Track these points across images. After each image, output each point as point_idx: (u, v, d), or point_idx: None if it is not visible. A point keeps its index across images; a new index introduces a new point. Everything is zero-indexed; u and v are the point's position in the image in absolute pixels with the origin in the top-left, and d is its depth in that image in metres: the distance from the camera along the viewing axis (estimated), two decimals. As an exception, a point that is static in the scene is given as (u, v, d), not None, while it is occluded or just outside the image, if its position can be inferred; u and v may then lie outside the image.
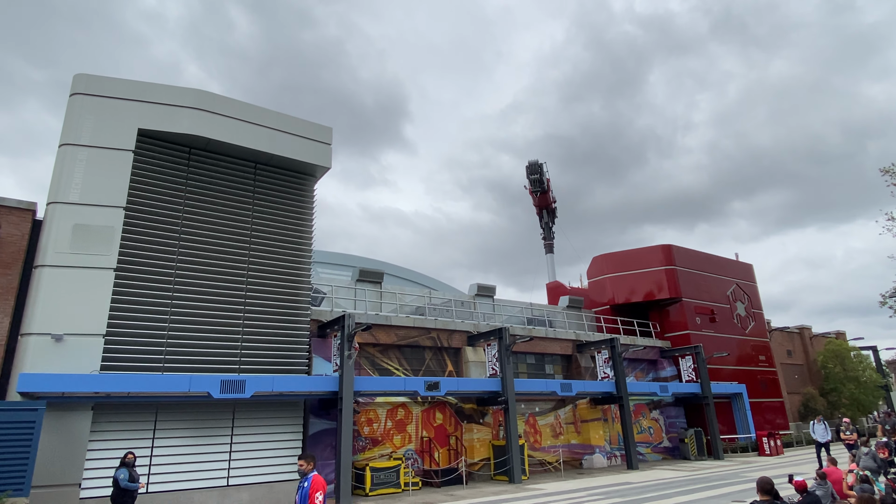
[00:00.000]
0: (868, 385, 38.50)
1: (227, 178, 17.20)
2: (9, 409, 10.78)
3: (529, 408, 23.07)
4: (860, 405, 37.72)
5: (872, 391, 38.58)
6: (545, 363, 25.38)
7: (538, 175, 48.69)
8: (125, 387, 13.08)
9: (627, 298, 31.19)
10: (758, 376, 31.94)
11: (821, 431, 18.94)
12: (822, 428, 19.03)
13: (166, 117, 16.02)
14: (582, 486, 17.11)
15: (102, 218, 14.55)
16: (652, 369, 28.77)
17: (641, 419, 26.67)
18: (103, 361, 13.60)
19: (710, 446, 26.44)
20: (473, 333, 22.09)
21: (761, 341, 33.83)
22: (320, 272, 24.23)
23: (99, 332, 13.70)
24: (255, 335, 16.24)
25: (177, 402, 14.74)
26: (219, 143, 16.69)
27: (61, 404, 13.04)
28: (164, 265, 15.33)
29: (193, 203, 16.35)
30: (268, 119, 17.75)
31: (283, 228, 17.82)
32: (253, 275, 16.75)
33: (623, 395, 23.36)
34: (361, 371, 19.02)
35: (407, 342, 20.53)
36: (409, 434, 19.43)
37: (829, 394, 38.19)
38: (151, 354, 14.46)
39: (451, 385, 18.74)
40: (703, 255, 33.31)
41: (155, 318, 14.77)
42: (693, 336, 29.54)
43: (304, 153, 18.24)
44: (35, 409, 10.89)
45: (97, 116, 15.28)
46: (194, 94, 16.59)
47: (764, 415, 30.58)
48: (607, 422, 25.08)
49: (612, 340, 24.42)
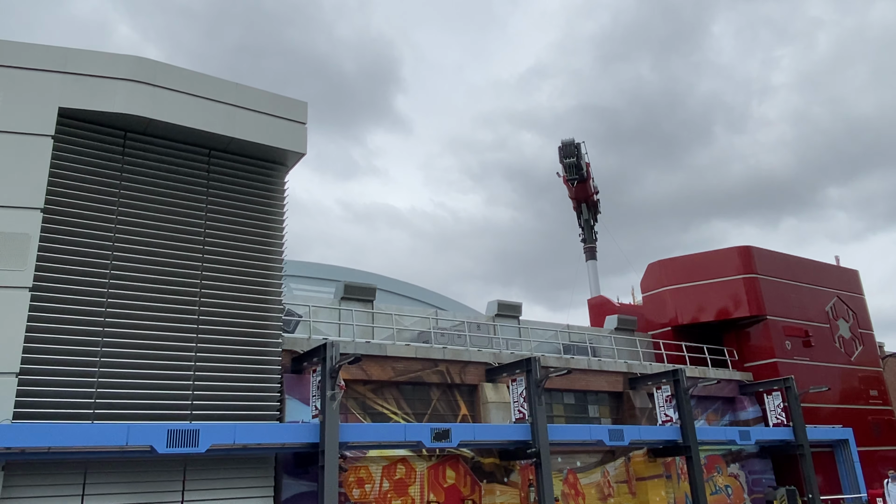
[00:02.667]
0: None
1: (174, 169, 17.29)
2: None
3: (569, 462, 22.91)
4: None
5: None
6: (588, 403, 25.20)
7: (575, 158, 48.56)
8: (45, 440, 13.10)
9: (695, 318, 30.94)
10: (869, 417, 31.51)
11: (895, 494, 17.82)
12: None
13: (95, 93, 16.13)
14: (639, 565, 16.92)
15: (14, 223, 14.62)
16: (729, 410, 28.47)
17: (716, 475, 26.40)
18: (16, 408, 13.61)
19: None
20: (493, 366, 21.98)
21: (873, 371, 33.39)
22: (294, 288, 24.27)
23: (11, 371, 13.73)
24: (211, 372, 16.23)
25: (112, 459, 14.77)
26: (162, 124, 16.77)
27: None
28: (95, 283, 15.38)
29: (131, 201, 16.42)
30: (225, 93, 17.83)
31: (247, 232, 17.86)
32: (207, 293, 16.77)
33: (691, 444, 23.13)
34: (349, 416, 18.97)
35: (407, 378, 20.47)
36: (413, 498, 19.34)
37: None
38: (79, 398, 14.47)
39: (466, 433, 18.66)
40: (794, 260, 33.01)
41: (83, 350, 14.80)
42: (782, 366, 29.21)
43: (272, 136, 18.29)
44: (-71, 471, 10.92)
45: (6, 92, 15.39)
46: (131, 63, 16.70)
47: (877, 467, 30.10)
48: (671, 479, 24.85)
49: (675, 373, 24.23)
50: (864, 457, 29.07)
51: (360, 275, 29.45)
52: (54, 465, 14.35)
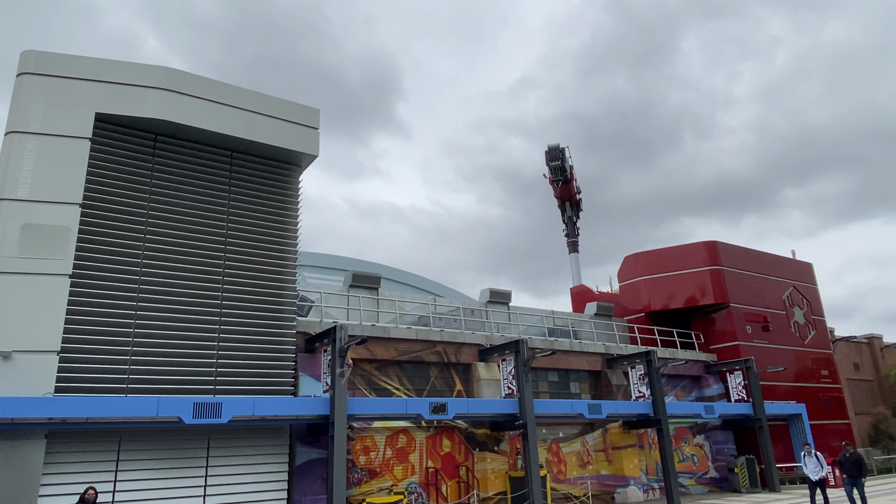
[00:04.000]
0: (951, 404, 38.15)
1: (200, 170, 17.25)
2: (-50, 437, 10.83)
3: (552, 433, 22.98)
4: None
5: (956, 411, 38.22)
6: (570, 381, 25.27)
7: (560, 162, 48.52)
8: (83, 411, 13.13)
9: (665, 305, 31.01)
10: (820, 394, 31.65)
11: (812, 466, 16.37)
12: (813, 462, 16.44)
13: (128, 99, 16.08)
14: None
15: (56, 216, 14.61)
16: (695, 387, 28.57)
17: (683, 445, 26.51)
18: (58, 382, 13.64)
19: (763, 476, 26.22)
20: (486, 347, 22.03)
21: (823, 353, 33.51)
22: (307, 277, 24.28)
23: (53, 349, 13.75)
24: (232, 351, 16.27)
25: (143, 429, 14.79)
26: (188, 128, 16.73)
27: (10, 432, 13.11)
28: (128, 270, 15.38)
29: (160, 198, 16.40)
30: (245, 100, 17.79)
31: (265, 227, 17.85)
32: (230, 281, 16.79)
33: (662, 417, 23.22)
34: (356, 391, 19.01)
35: (408, 357, 20.50)
36: (413, 464, 19.39)
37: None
38: (113, 374, 14.50)
39: (461, 407, 18.70)
40: (755, 253, 33.07)
41: (117, 331, 14.82)
42: (743, 348, 29.32)
43: (288, 139, 18.26)
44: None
45: (49, 99, 15.35)
46: (160, 73, 16.64)
47: (827, 439, 30.27)
48: (643, 449, 24.95)
49: (648, 354, 24.30)
50: (816, 429, 29.23)
51: (366, 265, 29.49)
52: (92, 433, 14.38)
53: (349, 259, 29.70)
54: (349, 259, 29.70)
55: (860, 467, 15.79)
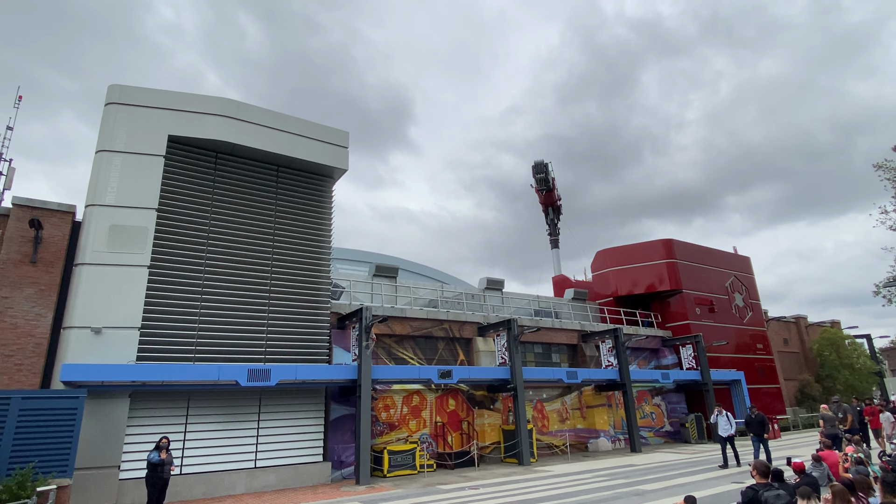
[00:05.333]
0: (862, 371, 37.98)
1: (252, 181, 17.31)
2: (53, 396, 10.97)
3: (537, 394, 23.02)
4: (855, 391, 37.18)
5: (866, 377, 38.06)
6: (552, 352, 25.29)
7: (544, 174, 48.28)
8: (159, 376, 13.26)
9: (630, 290, 30.95)
10: (755, 364, 31.57)
11: (723, 424, 15.93)
12: (724, 420, 16.03)
13: (194, 124, 16.16)
14: (587, 468, 17.05)
15: (136, 219, 14.72)
16: (654, 358, 28.56)
17: (644, 405, 26.50)
18: (139, 352, 13.79)
19: (709, 431, 26.16)
20: (483, 325, 22.06)
21: (759, 330, 33.41)
22: (339, 268, 24.34)
23: (134, 325, 13.88)
24: (279, 327, 16.37)
25: (207, 390, 14.92)
26: (243, 147, 16.80)
27: (101, 392, 13.26)
28: (194, 262, 15.49)
29: (220, 204, 16.48)
30: (288, 124, 17.82)
31: (304, 227, 17.92)
32: (277, 270, 16.87)
33: (626, 382, 23.23)
34: (378, 360, 19.08)
35: (421, 333, 20.56)
36: (424, 419, 19.49)
37: (824, 380, 37.67)
38: (183, 345, 14.63)
39: (463, 373, 18.75)
40: (703, 249, 32.94)
41: (186, 311, 14.94)
42: (693, 326, 29.25)
43: (323, 156, 18.30)
44: (77, 397, 11.07)
45: (130, 124, 15.44)
46: (219, 102, 16.70)
47: (762, 400, 30.22)
48: (611, 407, 24.95)
49: (615, 330, 24.27)
50: (752, 392, 29.15)
51: (386, 258, 29.53)
52: (166, 394, 14.51)
53: (372, 253, 29.73)
54: (372, 253, 29.73)
55: (763, 426, 15.34)
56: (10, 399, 10.39)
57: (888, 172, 15.06)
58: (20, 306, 13.31)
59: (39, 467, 10.15)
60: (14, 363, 12.84)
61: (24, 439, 10.30)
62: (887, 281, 15.15)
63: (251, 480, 14.81)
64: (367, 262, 25.40)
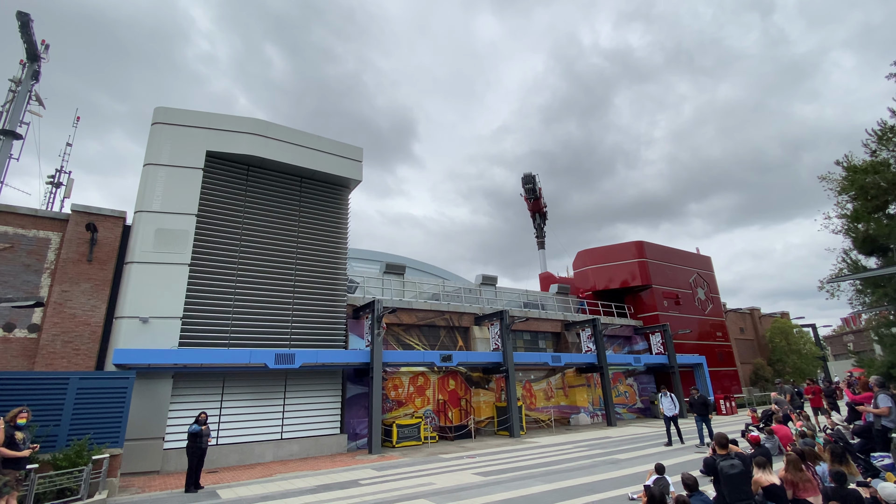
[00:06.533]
0: (808, 356, 38.01)
1: (279, 190, 17.30)
2: (107, 377, 10.96)
3: (526, 376, 23.01)
4: (801, 373, 37.20)
5: (812, 361, 38.08)
6: (539, 339, 25.27)
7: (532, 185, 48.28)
8: (198, 359, 13.27)
9: (607, 285, 30.94)
10: (716, 349, 31.54)
11: (668, 405, 15.29)
12: (668, 401, 15.37)
13: (229, 141, 16.15)
14: (569, 440, 17.03)
15: (179, 223, 14.72)
16: (627, 344, 28.55)
17: (618, 385, 26.48)
18: (181, 339, 13.79)
19: (675, 407, 26.15)
20: (479, 315, 22.04)
21: (718, 320, 33.38)
22: (354, 266, 24.33)
23: (177, 315, 13.88)
24: (302, 317, 16.36)
25: (240, 372, 14.93)
26: (271, 161, 16.79)
27: (148, 373, 13.26)
28: (229, 261, 15.48)
29: (252, 210, 16.47)
30: (310, 141, 17.81)
31: (324, 230, 17.90)
32: (300, 268, 16.86)
33: (603, 365, 23.21)
34: (388, 346, 19.08)
35: (425, 322, 20.55)
36: (428, 397, 19.48)
37: (775, 364, 37.65)
38: (219, 333, 14.62)
39: (462, 357, 18.75)
40: (670, 250, 32.91)
41: (222, 303, 14.94)
42: (661, 316, 29.23)
43: (341, 169, 18.29)
44: (127, 378, 11.06)
45: (174, 141, 15.44)
46: (251, 122, 16.69)
47: (721, 381, 30.22)
48: (590, 387, 24.93)
49: (594, 321, 24.25)
50: (712, 374, 29.15)
51: (395, 258, 29.50)
52: (204, 375, 14.51)
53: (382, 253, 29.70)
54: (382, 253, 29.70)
55: (706, 407, 14.54)
56: (69, 379, 10.39)
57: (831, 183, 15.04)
58: (77, 299, 13.32)
59: (95, 438, 10.15)
60: (73, 348, 12.85)
61: (82, 414, 10.29)
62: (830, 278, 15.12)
63: (278, 450, 14.81)
64: (378, 261, 25.39)
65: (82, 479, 9.04)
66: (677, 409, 15.18)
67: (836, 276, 14.28)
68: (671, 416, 15.07)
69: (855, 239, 13.82)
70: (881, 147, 13.59)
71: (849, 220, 14.15)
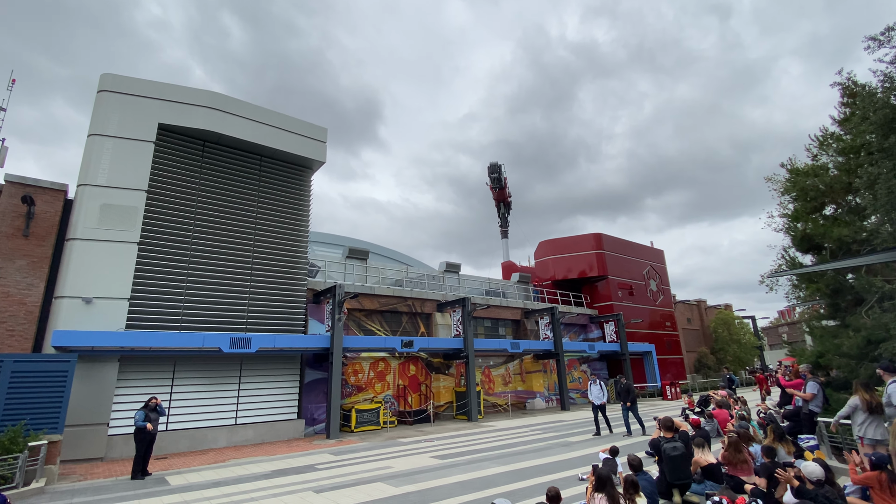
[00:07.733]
0: (747, 346, 40.60)
1: (237, 168, 16.63)
2: (44, 360, 10.31)
3: (485, 361, 23.39)
4: (740, 362, 39.75)
5: (750, 350, 40.73)
6: (499, 326, 25.69)
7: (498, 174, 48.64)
8: (147, 342, 12.70)
9: (565, 275, 31.73)
10: (664, 338, 33.07)
11: (596, 393, 14.64)
12: (597, 389, 14.69)
13: (183, 114, 15.33)
14: (525, 424, 17.52)
15: (127, 199, 13.91)
16: (583, 332, 29.46)
17: (573, 371, 27.35)
18: (128, 321, 13.14)
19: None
20: (442, 302, 22.16)
21: (668, 311, 34.96)
22: (315, 250, 23.82)
23: (124, 296, 13.21)
24: (260, 300, 15.93)
25: (192, 356, 14.41)
26: (229, 137, 16.09)
27: (91, 357, 12.58)
28: (182, 240, 14.81)
29: (207, 188, 15.77)
30: (272, 118, 17.17)
31: (284, 212, 17.40)
32: (258, 250, 16.36)
33: (560, 352, 23.83)
34: (349, 331, 18.90)
35: (387, 308, 20.47)
36: (388, 382, 19.51)
37: (717, 352, 40.01)
38: (170, 315, 14.04)
39: (423, 343, 18.83)
40: (626, 242, 34.05)
41: (173, 284, 14.31)
42: (616, 306, 30.32)
43: (303, 149, 17.76)
44: (67, 361, 10.44)
45: (122, 111, 14.50)
46: (208, 95, 15.89)
47: (668, 368, 31.77)
48: (546, 373, 25.63)
49: (552, 309, 24.84)
50: (661, 362, 30.63)
51: (358, 242, 29.10)
52: (153, 359, 13.92)
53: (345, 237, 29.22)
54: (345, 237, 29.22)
55: (629, 393, 14.28)
56: (2, 362, 9.71)
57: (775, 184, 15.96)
58: (12, 276, 12.40)
59: (31, 425, 9.56)
60: (6, 329, 11.99)
61: (16, 399, 9.66)
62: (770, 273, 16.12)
63: (232, 435, 14.47)
64: (341, 246, 24.98)
65: (17, 466, 8.52)
66: (605, 397, 14.67)
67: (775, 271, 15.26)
68: (599, 404, 14.45)
69: (794, 237, 14.75)
70: (822, 152, 14.51)
71: (789, 220, 15.08)
